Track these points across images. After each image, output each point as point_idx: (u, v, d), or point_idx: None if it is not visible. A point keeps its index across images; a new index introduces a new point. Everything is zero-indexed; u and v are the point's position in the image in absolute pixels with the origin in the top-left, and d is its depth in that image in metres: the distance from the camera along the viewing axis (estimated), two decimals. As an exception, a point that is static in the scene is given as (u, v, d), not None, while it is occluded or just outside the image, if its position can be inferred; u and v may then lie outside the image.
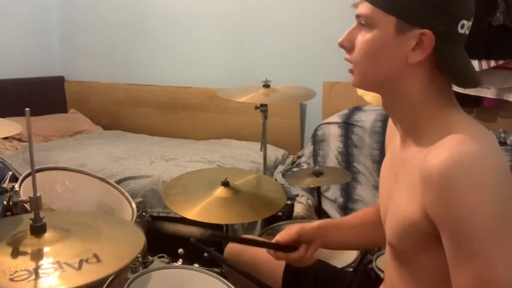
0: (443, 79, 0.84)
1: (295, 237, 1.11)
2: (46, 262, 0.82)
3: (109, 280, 1.24)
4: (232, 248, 1.36)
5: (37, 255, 0.83)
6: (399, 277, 0.93)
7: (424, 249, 0.83)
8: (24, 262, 0.81)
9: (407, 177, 0.86)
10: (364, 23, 0.84)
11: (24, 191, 1.36)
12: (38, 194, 0.89)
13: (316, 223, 1.15)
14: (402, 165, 0.89)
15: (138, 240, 0.94)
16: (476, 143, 0.75)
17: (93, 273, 0.80)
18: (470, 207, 0.72)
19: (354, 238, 1.17)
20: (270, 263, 1.27)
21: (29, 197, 0.89)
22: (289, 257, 1.11)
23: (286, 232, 1.13)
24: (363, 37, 0.85)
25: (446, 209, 0.74)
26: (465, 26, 0.81)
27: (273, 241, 1.13)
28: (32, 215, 0.88)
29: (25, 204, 1.11)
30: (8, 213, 1.32)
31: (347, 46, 0.88)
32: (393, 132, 0.99)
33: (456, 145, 0.75)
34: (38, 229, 0.88)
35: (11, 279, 0.76)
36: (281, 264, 1.26)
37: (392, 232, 0.89)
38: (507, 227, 0.73)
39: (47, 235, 0.88)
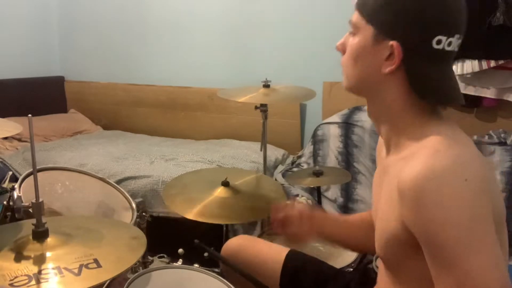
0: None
1: (294, 212, 1.15)
2: (46, 267, 0.82)
3: (109, 280, 1.23)
4: (230, 246, 1.36)
5: (38, 260, 0.84)
6: (390, 283, 0.94)
7: (407, 258, 0.85)
8: (25, 267, 0.81)
9: (387, 187, 0.88)
10: (352, 29, 0.89)
11: (24, 191, 1.36)
12: (40, 200, 0.89)
13: (322, 214, 1.18)
14: (385, 172, 0.92)
15: (139, 245, 0.94)
16: (449, 155, 0.76)
17: (92, 278, 0.80)
18: (442, 219, 0.73)
19: (344, 235, 1.18)
20: (268, 263, 1.28)
21: (31, 203, 0.89)
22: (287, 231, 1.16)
23: (284, 208, 1.17)
24: (350, 42, 0.90)
25: (420, 222, 0.76)
26: (443, 42, 0.81)
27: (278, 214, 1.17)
28: (34, 221, 0.88)
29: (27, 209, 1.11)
30: (8, 213, 1.32)
31: (341, 49, 0.93)
32: (382, 142, 1.01)
33: (429, 157, 0.76)
34: (40, 235, 0.88)
35: (11, 284, 0.76)
36: (279, 264, 1.27)
37: (378, 242, 0.92)
38: (481, 236, 0.74)
39: (49, 240, 0.88)
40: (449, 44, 0.82)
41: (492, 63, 2.28)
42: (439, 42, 0.81)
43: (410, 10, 0.81)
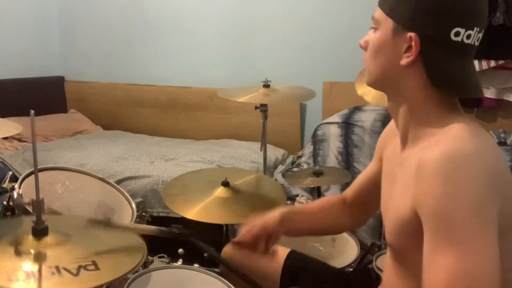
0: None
1: (258, 233, 1.15)
2: (45, 266, 0.82)
3: (105, 285, 1.23)
4: (230, 247, 1.36)
5: (37, 258, 0.83)
6: (398, 277, 0.94)
7: (417, 247, 0.84)
8: (23, 264, 0.81)
9: (403, 176, 0.88)
10: (374, 24, 0.91)
11: (24, 191, 1.37)
12: (41, 197, 0.89)
13: (277, 214, 1.17)
14: (400, 166, 0.91)
15: (139, 250, 0.94)
16: (471, 142, 0.77)
17: (90, 280, 0.80)
18: (455, 195, 0.73)
19: (314, 225, 1.22)
20: (268, 264, 1.27)
21: (32, 200, 0.89)
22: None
23: (248, 230, 1.17)
24: (371, 38, 0.91)
25: (431, 196, 0.76)
26: (461, 35, 0.81)
27: (236, 240, 1.19)
28: (34, 218, 0.88)
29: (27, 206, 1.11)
30: (8, 213, 1.32)
31: (363, 46, 0.94)
32: (390, 137, 1.01)
33: (451, 141, 0.77)
34: (39, 232, 0.88)
35: (9, 280, 0.76)
36: (279, 264, 1.27)
37: (389, 232, 0.92)
38: (488, 224, 0.73)
39: (48, 238, 0.88)
40: (468, 36, 0.82)
41: (492, 63, 2.28)
42: (457, 34, 0.81)
43: (428, 2, 0.82)
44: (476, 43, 0.84)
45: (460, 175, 0.74)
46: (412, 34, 0.83)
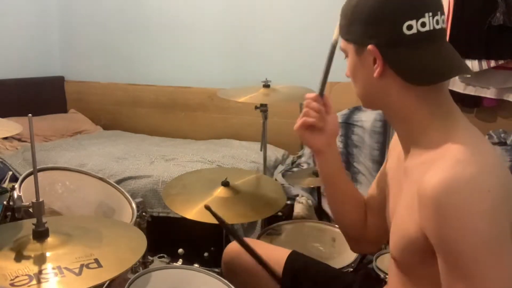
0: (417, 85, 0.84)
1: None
2: (47, 267, 0.82)
3: (109, 281, 1.23)
4: (231, 250, 1.36)
5: (39, 260, 0.84)
6: (402, 285, 0.94)
7: (423, 263, 0.84)
8: (25, 267, 0.81)
9: (407, 191, 0.87)
10: (345, 55, 0.95)
11: (24, 191, 1.37)
12: (40, 199, 0.89)
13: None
14: (405, 175, 0.91)
15: (139, 244, 0.94)
16: (473, 164, 0.75)
17: (93, 278, 0.80)
18: (462, 230, 0.72)
19: (342, 191, 1.15)
20: (269, 264, 1.28)
21: (32, 202, 0.89)
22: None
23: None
24: (347, 66, 0.95)
25: (439, 232, 0.75)
26: (415, 26, 0.81)
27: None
28: (34, 220, 0.88)
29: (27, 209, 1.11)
30: (8, 213, 1.32)
31: (348, 75, 0.97)
32: (398, 141, 1.00)
33: (451, 166, 0.75)
34: (40, 234, 0.88)
35: (12, 284, 0.76)
36: (280, 266, 1.27)
37: (394, 246, 0.91)
38: (500, 249, 0.73)
39: (49, 240, 0.88)
40: (423, 24, 0.82)
41: (492, 63, 2.28)
42: (410, 27, 0.81)
43: (369, 12, 0.84)
44: (437, 26, 0.83)
45: (462, 206, 0.72)
46: (369, 46, 0.84)
